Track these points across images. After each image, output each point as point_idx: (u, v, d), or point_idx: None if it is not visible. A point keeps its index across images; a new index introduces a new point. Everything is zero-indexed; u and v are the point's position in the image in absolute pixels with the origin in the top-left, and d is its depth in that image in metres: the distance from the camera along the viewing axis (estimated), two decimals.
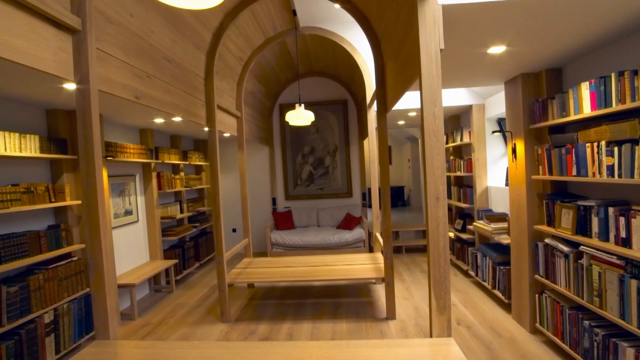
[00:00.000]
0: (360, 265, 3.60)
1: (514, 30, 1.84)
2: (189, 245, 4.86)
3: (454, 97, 3.95)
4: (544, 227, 2.52)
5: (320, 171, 6.16)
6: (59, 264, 2.62)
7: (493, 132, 2.96)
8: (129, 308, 3.50)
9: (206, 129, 3.33)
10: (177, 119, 3.42)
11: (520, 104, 2.68)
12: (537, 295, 2.63)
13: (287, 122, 5.03)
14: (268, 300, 3.80)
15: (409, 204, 9.71)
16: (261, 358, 1.41)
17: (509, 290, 3.08)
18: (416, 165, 6.98)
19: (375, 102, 3.24)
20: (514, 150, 2.79)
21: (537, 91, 2.65)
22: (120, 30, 1.98)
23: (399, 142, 10.18)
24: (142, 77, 2.21)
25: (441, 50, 1.48)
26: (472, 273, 3.92)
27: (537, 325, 2.63)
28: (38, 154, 2.49)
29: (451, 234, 4.76)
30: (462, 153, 4.63)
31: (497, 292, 3.30)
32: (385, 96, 3.01)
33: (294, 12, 3.58)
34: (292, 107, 3.63)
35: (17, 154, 2.32)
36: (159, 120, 3.65)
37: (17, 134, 2.33)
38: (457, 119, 4.68)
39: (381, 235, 3.52)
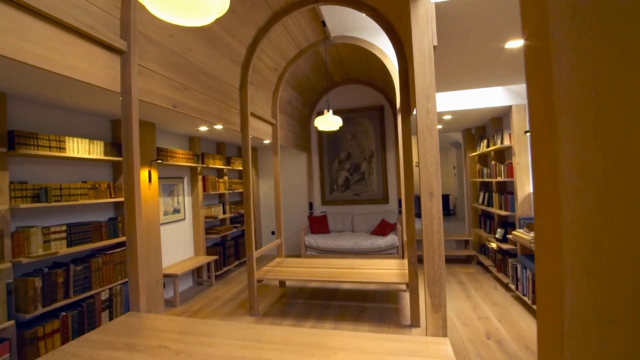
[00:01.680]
0: (386, 270, 3.56)
1: None
2: (230, 244, 5.23)
3: (491, 97, 3.74)
4: None
5: (356, 177, 6.19)
6: (115, 250, 3.06)
7: (526, 132, 2.76)
8: (173, 297, 3.90)
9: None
10: (219, 127, 3.78)
11: None
12: None
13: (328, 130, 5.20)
14: (296, 299, 3.93)
15: (454, 214, 9.17)
16: (258, 337, 1.54)
17: None
18: (461, 172, 6.63)
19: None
20: None
21: None
22: (161, 49, 2.32)
23: (443, 148, 9.74)
24: (180, 88, 2.54)
25: (435, 47, 1.49)
26: (512, 287, 3.61)
27: None
28: (103, 157, 2.97)
29: (493, 245, 4.43)
30: (504, 157, 4.33)
31: (537, 308, 3.00)
32: (409, 99, 3.00)
33: (324, 23, 3.76)
34: None
35: (87, 156, 2.81)
36: (203, 128, 4.07)
37: (87, 140, 2.82)
38: (499, 121, 4.40)
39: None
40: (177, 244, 4.33)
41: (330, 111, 3.77)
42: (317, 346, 1.44)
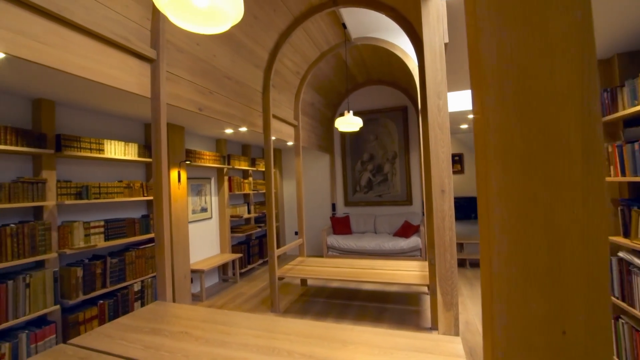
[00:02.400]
0: (407, 272, 3.51)
1: None
2: (254, 242, 5.39)
3: None
4: (619, 239, 2.14)
5: (379, 178, 6.15)
6: (147, 245, 3.28)
7: None
8: (199, 291, 4.09)
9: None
10: (243, 129, 3.94)
11: None
12: (612, 321, 2.21)
13: (349, 132, 5.30)
14: (317, 298, 3.98)
15: None
16: (272, 328, 1.60)
17: None
18: None
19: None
20: None
21: (610, 79, 2.29)
22: (188, 56, 2.48)
23: (472, 149, 9.40)
24: (205, 93, 2.69)
25: (446, 44, 1.49)
26: None
27: (615, 358, 2.20)
28: (136, 158, 3.20)
29: None
30: None
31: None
32: None
33: (344, 26, 3.81)
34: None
35: (122, 157, 3.04)
36: (228, 131, 4.24)
37: (122, 142, 3.06)
38: None
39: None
40: (204, 242, 4.53)
41: (351, 112, 3.80)
42: (327, 338, 1.48)
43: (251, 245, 5.28)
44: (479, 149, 0.32)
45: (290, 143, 5.01)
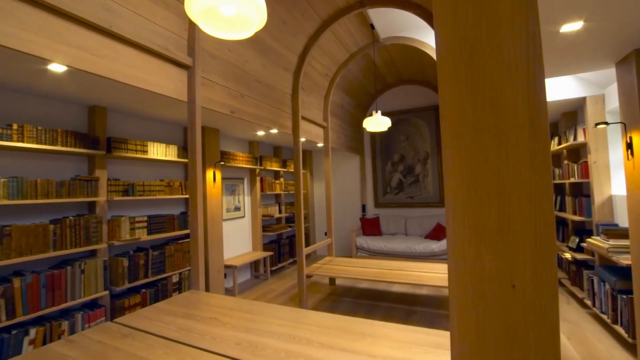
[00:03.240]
0: (437, 274, 3.42)
1: (592, 2, 1.61)
2: (285, 242, 5.53)
3: (561, 88, 3.37)
4: None
5: (410, 179, 6.03)
6: (185, 240, 3.51)
7: (596, 124, 2.44)
8: (232, 286, 4.28)
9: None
10: (274, 131, 4.08)
11: (636, 87, 2.16)
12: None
13: (378, 131, 5.32)
14: (345, 297, 4.00)
15: None
16: (296, 319, 1.67)
17: (632, 326, 2.40)
18: None
19: None
20: (629, 146, 2.24)
21: None
22: (221, 62, 2.65)
23: None
24: (237, 96, 2.85)
25: None
26: (588, 302, 3.16)
27: None
28: (176, 159, 3.45)
29: (567, 255, 3.93)
30: (579, 156, 3.83)
31: (618, 328, 2.59)
32: None
33: (372, 26, 3.83)
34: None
35: (163, 158, 3.30)
36: (260, 133, 4.42)
37: (164, 144, 3.32)
38: (573, 116, 3.91)
39: None
40: (237, 239, 4.75)
41: (379, 112, 3.80)
42: (347, 331, 1.51)
43: (282, 244, 5.42)
44: (441, 123, 0.35)
45: (320, 144, 5.09)
